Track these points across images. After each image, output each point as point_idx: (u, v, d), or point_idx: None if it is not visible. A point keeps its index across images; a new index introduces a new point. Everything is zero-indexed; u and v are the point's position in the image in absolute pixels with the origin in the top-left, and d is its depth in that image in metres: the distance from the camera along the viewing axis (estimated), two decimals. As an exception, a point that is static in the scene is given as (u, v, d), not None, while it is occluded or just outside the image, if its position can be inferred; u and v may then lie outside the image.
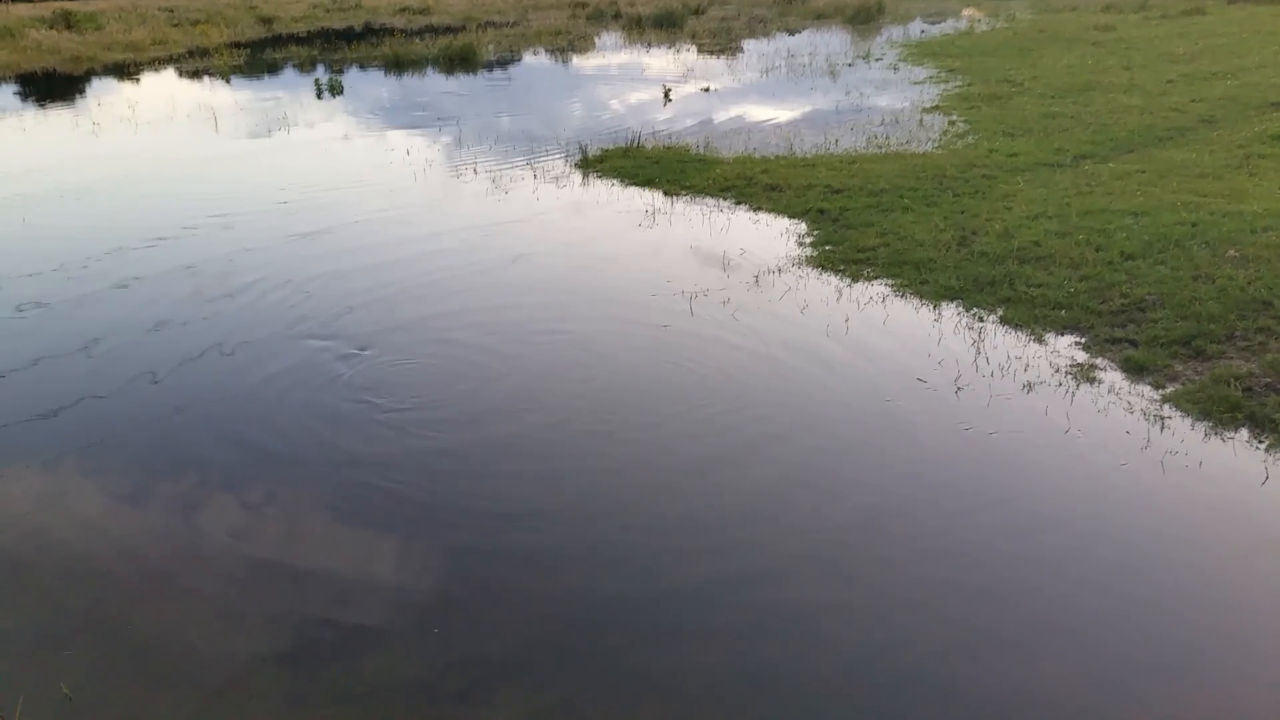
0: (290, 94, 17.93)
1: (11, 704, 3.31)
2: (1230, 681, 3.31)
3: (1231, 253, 6.62)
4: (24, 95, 18.68)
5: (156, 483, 4.67)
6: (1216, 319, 5.69)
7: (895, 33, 24.74)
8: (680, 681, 3.36)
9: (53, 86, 19.82)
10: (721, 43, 24.09)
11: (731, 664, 3.43)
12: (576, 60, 22.27)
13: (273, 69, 22.06)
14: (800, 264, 7.24)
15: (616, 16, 31.37)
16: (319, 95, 17.38)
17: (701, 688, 3.33)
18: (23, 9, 33.15)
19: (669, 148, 11.41)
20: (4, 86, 19.68)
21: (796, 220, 8.37)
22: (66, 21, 27.17)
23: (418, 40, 25.23)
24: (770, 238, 7.95)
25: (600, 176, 10.31)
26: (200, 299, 6.98)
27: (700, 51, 22.66)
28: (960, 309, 6.22)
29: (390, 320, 6.48)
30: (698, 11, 31.73)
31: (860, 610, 3.68)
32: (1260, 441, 4.58)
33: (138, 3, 36.37)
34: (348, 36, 27.92)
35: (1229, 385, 4.99)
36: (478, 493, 4.50)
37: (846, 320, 6.15)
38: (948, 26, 25.74)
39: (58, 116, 15.86)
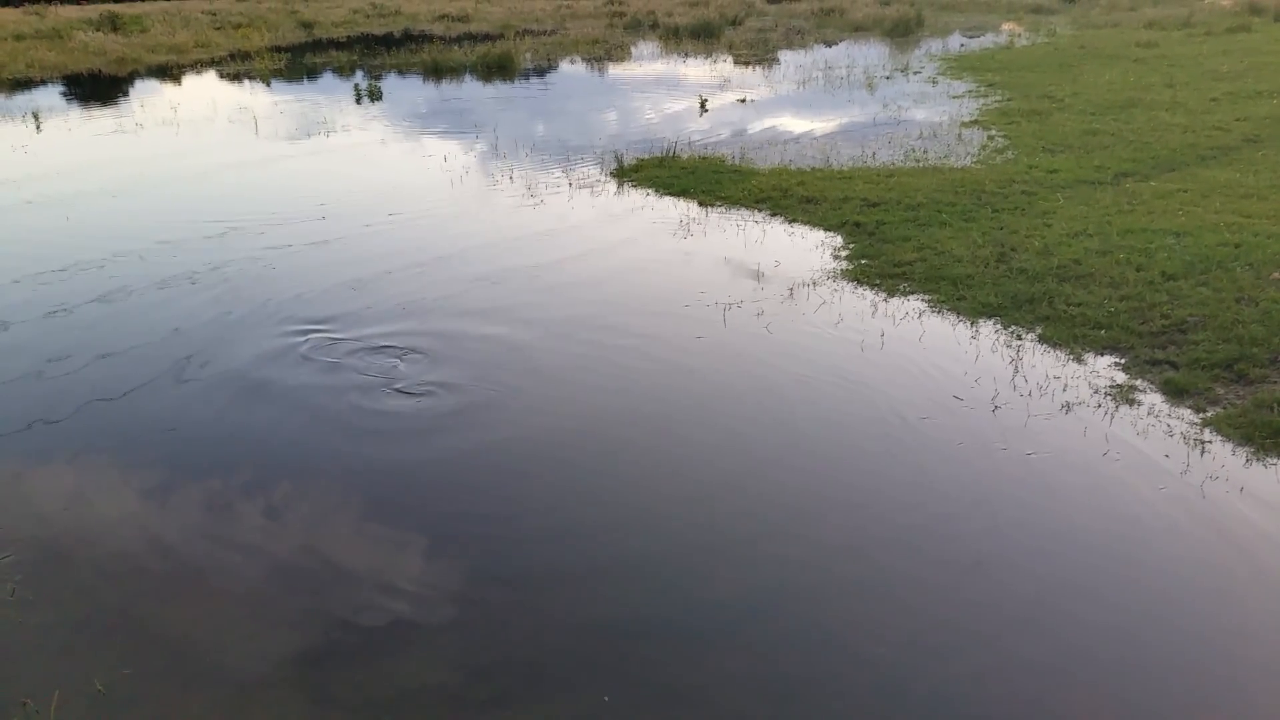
0: (330, 98, 18.10)
1: (47, 697, 3.35)
2: (1269, 713, 3.24)
3: (1275, 275, 6.51)
4: (70, 96, 18.99)
5: (190, 481, 4.72)
6: (1260, 342, 5.60)
7: (934, 46, 24.60)
8: (708, 695, 3.34)
9: (98, 87, 20.14)
10: (758, 54, 24.06)
11: (761, 680, 3.40)
12: (613, 69, 22.33)
13: (313, 73, 22.29)
14: (835, 277, 7.20)
15: (654, 26, 31.43)
16: (358, 100, 17.53)
17: (730, 703, 3.31)
18: (70, 11, 33.74)
19: (704, 158, 11.41)
20: (51, 87, 20.03)
21: (832, 233, 8.33)
22: (112, 24, 27.63)
23: (456, 47, 25.42)
24: (805, 250, 7.92)
25: (635, 186, 10.32)
26: (235, 298, 7.05)
27: (737, 62, 22.65)
28: (998, 326, 6.16)
29: (422, 326, 6.50)
30: (735, 22, 31.73)
31: (892, 629, 3.64)
32: (1304, 468, 4.50)
33: (182, 6, 36.90)
34: (387, 42, 28.17)
35: (1272, 410, 4.90)
36: (509, 500, 4.51)
37: (882, 335, 6.11)
38: (987, 41, 25.56)
39: (102, 117, 16.10)
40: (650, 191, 10.06)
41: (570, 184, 10.53)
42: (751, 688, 3.37)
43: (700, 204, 9.48)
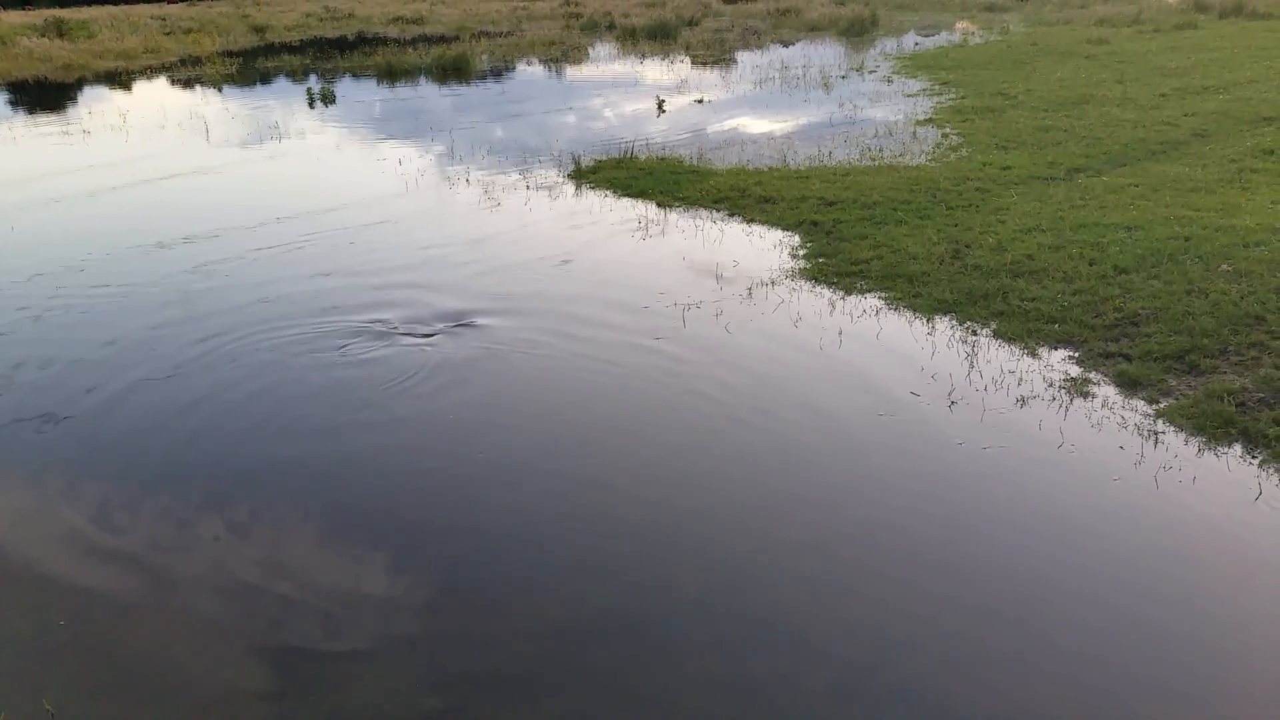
0: (282, 103, 17.90)
1: (-8, 722, 3.26)
2: (1225, 697, 3.28)
3: (1224, 267, 6.62)
4: (15, 103, 18.61)
5: (143, 496, 4.62)
6: (1210, 334, 5.68)
7: (889, 45, 24.80)
8: (673, 695, 3.32)
9: (44, 94, 19.76)
10: (715, 54, 24.12)
11: (725, 679, 3.39)
12: (570, 71, 22.28)
13: (265, 78, 22.03)
14: (793, 276, 7.22)
15: (610, 27, 31.42)
16: (311, 104, 17.35)
17: (694, 702, 3.29)
18: (14, 16, 33.11)
19: (662, 159, 11.40)
20: (-5, 94, 19.62)
21: (790, 232, 8.35)
22: (59, 29, 27.15)
23: (411, 50, 25.25)
24: (763, 250, 7.93)
25: (593, 187, 10.29)
26: (189, 309, 6.93)
27: (694, 63, 22.69)
28: (953, 322, 6.21)
29: (378, 334, 6.43)
30: (691, 23, 31.79)
31: (855, 624, 3.65)
32: (1253, 457, 4.57)
33: (130, 11, 36.32)
34: (341, 46, 27.90)
35: (1222, 400, 4.98)
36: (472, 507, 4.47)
37: (839, 333, 6.13)
38: (941, 39, 25.81)
39: (48, 124, 15.79)
40: (609, 193, 10.03)
41: (528, 186, 10.48)
42: (716, 687, 3.36)
43: (659, 205, 9.47)
